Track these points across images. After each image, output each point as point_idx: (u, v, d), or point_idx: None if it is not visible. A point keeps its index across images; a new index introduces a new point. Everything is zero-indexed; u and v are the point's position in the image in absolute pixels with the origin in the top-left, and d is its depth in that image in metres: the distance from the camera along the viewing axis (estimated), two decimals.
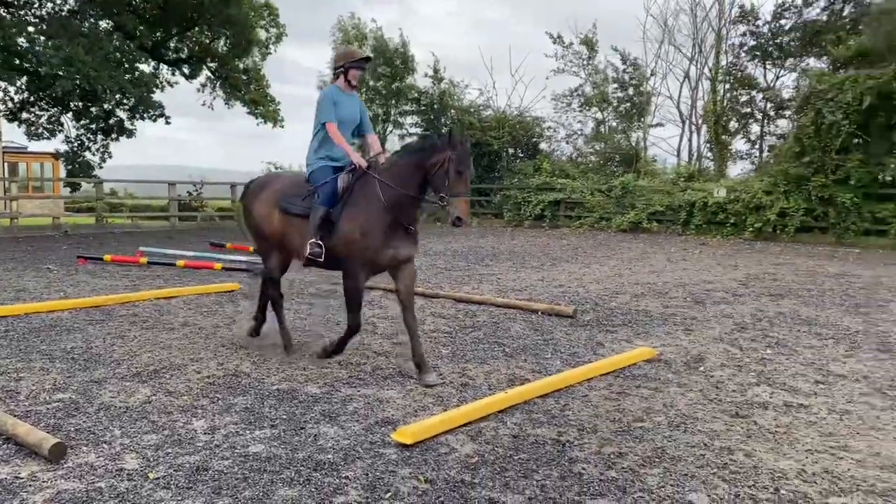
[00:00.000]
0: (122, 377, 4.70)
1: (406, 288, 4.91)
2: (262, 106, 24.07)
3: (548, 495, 3.02)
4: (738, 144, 22.17)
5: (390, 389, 4.51)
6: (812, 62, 19.55)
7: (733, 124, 21.54)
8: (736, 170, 22.36)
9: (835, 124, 15.59)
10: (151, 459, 3.35)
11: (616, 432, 3.80)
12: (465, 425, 3.84)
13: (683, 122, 22.91)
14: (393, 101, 25.72)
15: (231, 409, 4.10)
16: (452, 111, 23.91)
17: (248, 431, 3.74)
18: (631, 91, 23.82)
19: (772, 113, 20.79)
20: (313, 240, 4.78)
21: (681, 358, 5.42)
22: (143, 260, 10.86)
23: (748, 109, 21.10)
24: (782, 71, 20.80)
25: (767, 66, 20.84)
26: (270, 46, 24.22)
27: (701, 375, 4.96)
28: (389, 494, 3.01)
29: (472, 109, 23.98)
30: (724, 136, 21.54)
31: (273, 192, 5.31)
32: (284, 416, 3.98)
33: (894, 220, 15.50)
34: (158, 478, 3.14)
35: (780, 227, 16.77)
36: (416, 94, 24.56)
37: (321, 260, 4.80)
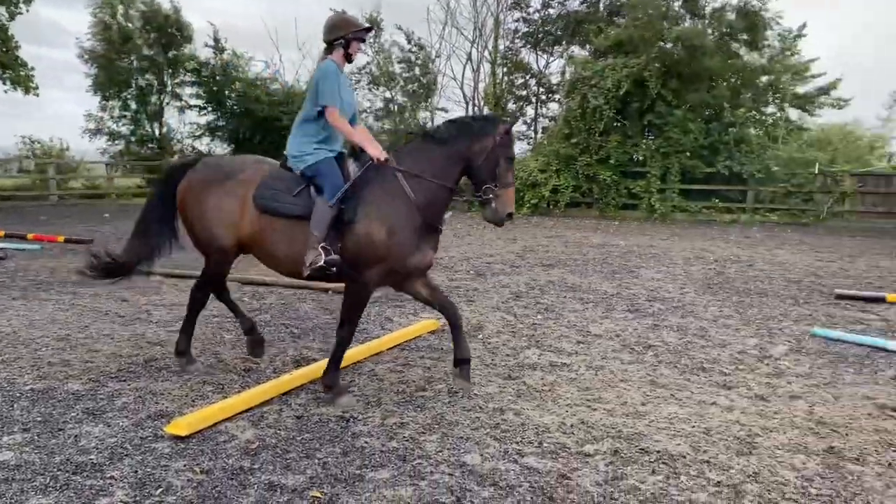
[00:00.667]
0: None
1: (435, 291, 4.31)
2: (12, 70, 21.17)
3: (329, 472, 3.05)
4: (516, 126, 23.64)
5: (165, 381, 4.25)
6: (577, 50, 21.34)
7: (511, 106, 22.90)
8: (515, 150, 23.83)
9: (598, 108, 17.20)
10: None
11: (399, 403, 3.92)
12: (246, 411, 3.74)
13: (467, 103, 23.93)
14: (169, 72, 23.94)
15: None
16: (237, 84, 22.79)
17: None
18: (418, 71, 24.33)
19: (544, 97, 22.44)
20: (322, 244, 3.85)
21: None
22: None
23: (524, 92, 22.56)
24: (552, 57, 22.49)
25: (539, 53, 22.40)
26: (21, 5, 21.31)
27: (479, 343, 5.26)
28: (161, 490, 2.86)
29: (258, 83, 23.03)
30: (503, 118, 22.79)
31: (244, 183, 4.18)
32: (39, 419, 3.59)
33: (646, 195, 17.54)
34: None
35: (553, 203, 18.23)
36: (195, 66, 23.05)
37: (333, 271, 3.90)
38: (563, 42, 21.98)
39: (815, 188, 16.81)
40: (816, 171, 16.76)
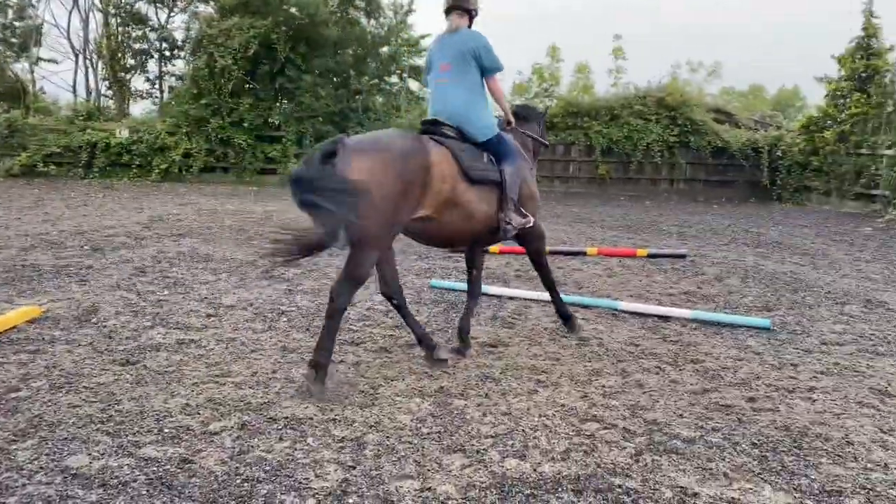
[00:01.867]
0: None
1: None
2: None
3: None
4: (139, 83, 21.56)
5: None
6: (201, 6, 20.15)
7: (131, 61, 20.78)
8: (138, 109, 21.80)
9: (226, 69, 16.55)
10: None
11: None
12: None
13: (77, 56, 21.02)
14: None
15: None
16: None
17: None
18: (11, 14, 20.61)
19: (168, 53, 20.79)
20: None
21: (71, 312, 5.01)
22: None
23: (144, 46, 20.60)
24: (173, 12, 20.84)
25: (158, 6, 20.58)
26: None
27: (93, 327, 4.68)
28: None
29: None
30: (122, 74, 20.64)
31: (449, 155, 3.98)
32: None
33: (282, 159, 17.54)
34: None
35: (185, 168, 17.16)
36: None
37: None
38: None
39: None
40: None
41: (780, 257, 8.53)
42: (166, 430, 3.13)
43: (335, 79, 18.44)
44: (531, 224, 4.40)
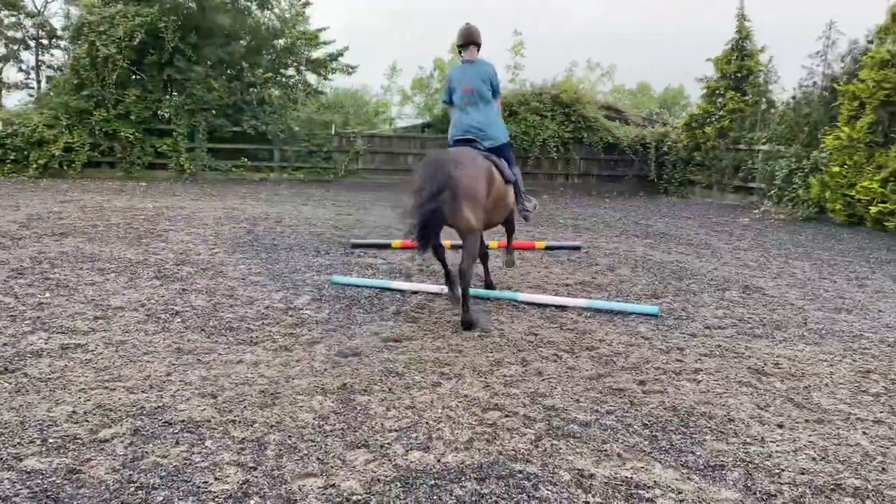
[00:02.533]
0: None
1: None
2: None
3: None
4: (12, 73, 20.04)
5: None
6: None
7: (2, 50, 19.29)
8: (12, 100, 20.28)
9: (109, 58, 15.68)
10: None
11: None
12: None
13: None
14: None
15: None
16: None
17: None
18: None
19: (45, 41, 19.44)
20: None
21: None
22: None
23: (18, 34, 19.18)
24: None
25: None
26: None
27: None
28: None
29: None
30: None
31: (494, 166, 5.36)
32: None
33: (173, 154, 16.83)
34: None
35: (66, 163, 16.12)
36: None
37: None
38: None
39: (332, 148, 18.36)
40: (333, 132, 18.30)
41: (666, 248, 8.99)
42: (51, 441, 2.95)
43: (228, 70, 17.84)
44: (537, 208, 6.45)
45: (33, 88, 19.75)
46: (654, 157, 18.06)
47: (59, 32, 18.91)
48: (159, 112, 17.29)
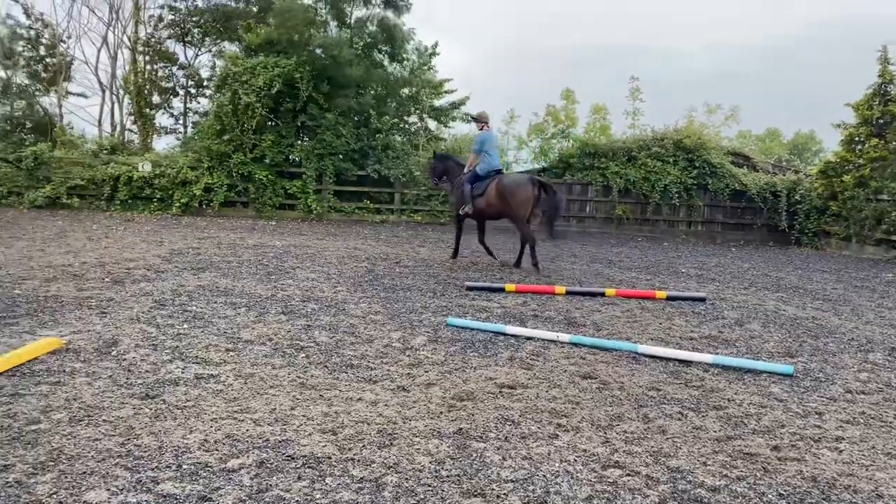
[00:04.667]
0: None
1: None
2: None
3: None
4: (163, 119, 22.01)
5: None
6: (227, 45, 20.66)
7: (156, 98, 21.25)
8: (162, 144, 22.22)
9: (249, 105, 16.87)
10: None
11: (3, 442, 3.28)
12: None
13: (104, 91, 21.53)
14: None
15: None
16: None
17: None
18: (42, 51, 21.20)
19: (193, 90, 21.26)
20: None
21: (92, 345, 5.04)
22: None
23: (170, 84, 21.11)
24: (200, 50, 21.40)
25: (186, 44, 21.16)
26: None
27: (113, 360, 4.70)
28: None
29: None
30: (147, 109, 21.08)
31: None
32: None
33: (302, 195, 17.75)
34: None
35: (205, 202, 17.40)
36: None
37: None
38: (213, 36, 21.10)
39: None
40: None
41: (800, 302, 8.43)
42: (185, 467, 3.11)
43: (356, 118, 18.72)
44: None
45: (181, 133, 21.52)
46: (785, 205, 17.14)
47: (206, 82, 20.58)
48: (291, 156, 18.34)
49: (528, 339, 5.91)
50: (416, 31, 19.71)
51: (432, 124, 20.98)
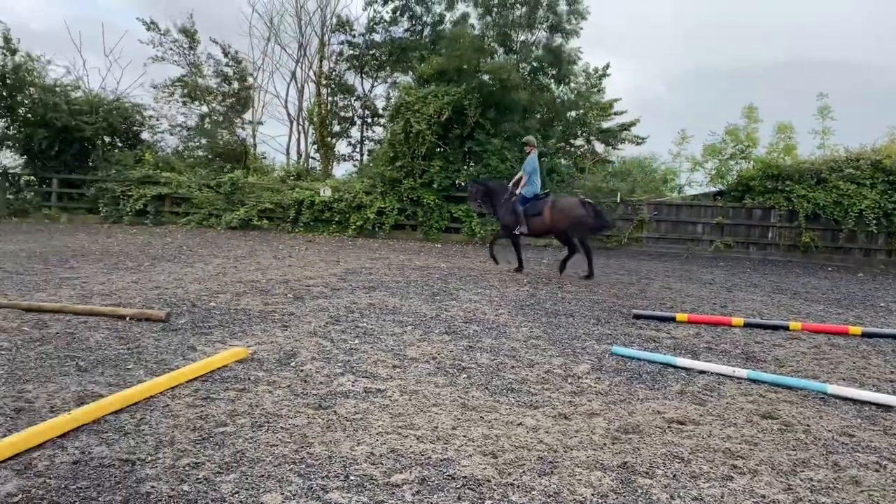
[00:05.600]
0: None
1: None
2: None
3: None
4: (342, 147, 23.54)
5: None
6: (401, 76, 21.76)
7: (336, 127, 22.78)
8: (340, 170, 23.78)
9: (420, 133, 17.56)
10: None
11: (195, 441, 3.60)
12: (11, 458, 3.25)
13: (291, 122, 23.43)
14: None
15: None
16: (32, 89, 20.60)
17: None
18: (237, 86, 23.50)
19: (369, 120, 22.57)
20: None
21: (273, 355, 5.44)
22: None
23: (349, 114, 22.56)
24: (377, 82, 22.72)
25: (364, 76, 22.55)
26: None
27: (291, 371, 5.03)
28: None
29: (57, 89, 20.97)
30: (328, 138, 22.64)
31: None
32: None
33: (467, 219, 18.13)
34: None
35: (378, 225, 18.29)
36: None
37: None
38: (388, 67, 22.30)
39: (617, 216, 18.26)
40: (619, 200, 18.21)
41: None
42: (352, 478, 3.24)
43: (521, 142, 18.85)
44: None
45: (357, 160, 22.85)
46: None
47: (381, 111, 21.75)
48: (457, 181, 18.81)
49: (701, 372, 5.57)
50: (584, 52, 19.57)
51: (599, 147, 20.65)
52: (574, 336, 6.73)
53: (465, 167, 18.92)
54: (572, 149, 20.19)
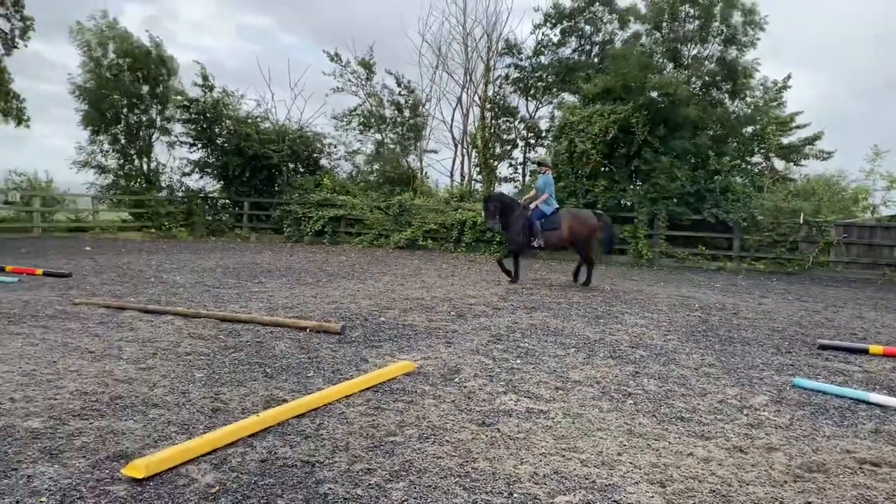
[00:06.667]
0: None
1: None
2: (4, 102, 21.26)
3: None
4: (503, 168, 23.86)
5: (129, 420, 4.12)
6: (566, 96, 21.69)
7: (499, 149, 23.12)
8: (502, 191, 24.03)
9: (585, 153, 17.37)
10: None
11: (367, 448, 3.80)
12: (210, 453, 3.62)
13: (456, 146, 24.11)
14: (157, 107, 24.00)
15: None
16: (228, 122, 22.90)
17: None
18: (407, 113, 24.59)
19: (532, 141, 22.69)
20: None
21: (438, 370, 5.61)
22: None
23: (511, 136, 22.84)
24: (541, 103, 22.82)
25: (528, 98, 22.76)
26: (17, 40, 21.48)
27: (455, 386, 5.16)
28: None
29: (249, 120, 23.15)
30: (491, 160, 23.03)
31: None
32: None
33: (633, 240, 17.61)
34: None
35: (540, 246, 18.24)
36: (184, 102, 23.11)
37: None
38: (554, 89, 22.35)
39: (800, 237, 16.92)
40: (801, 221, 16.89)
41: None
42: (515, 496, 3.26)
43: (692, 159, 18.07)
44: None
45: (519, 181, 23.01)
46: None
47: (544, 133, 21.80)
48: (622, 201, 18.35)
49: None
50: (761, 64, 18.41)
51: (779, 164, 19.29)
52: (751, 365, 6.32)
53: (632, 186, 18.42)
54: (748, 166, 19.01)
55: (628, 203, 18.26)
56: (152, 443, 3.77)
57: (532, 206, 12.03)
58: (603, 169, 18.25)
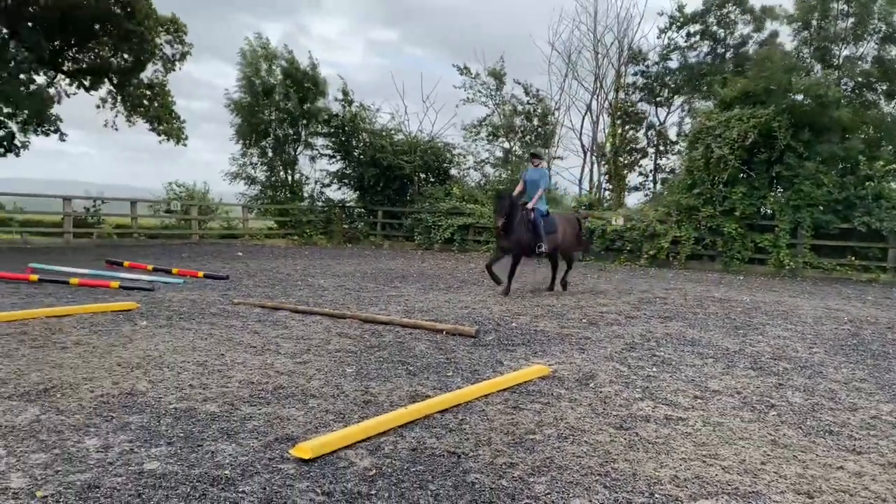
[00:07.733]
0: (7, 396, 4.52)
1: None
2: (166, 123, 23.45)
3: None
4: (633, 176, 23.41)
5: (291, 408, 4.54)
6: (697, 101, 21.00)
7: (628, 158, 22.73)
8: (632, 200, 23.56)
9: (722, 158, 16.76)
10: (39, 478, 3.26)
11: (509, 444, 3.99)
12: (364, 440, 3.94)
13: (585, 154, 23.94)
14: (304, 123, 25.56)
15: (126, 427, 4.03)
16: (364, 134, 24.00)
17: (142, 449, 3.69)
18: (536, 122, 24.70)
19: (662, 148, 22.12)
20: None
21: (573, 375, 5.71)
22: (34, 277, 10.34)
23: (642, 144, 22.39)
24: (670, 109, 22.24)
25: (657, 104, 22.23)
26: (176, 63, 23.65)
27: (591, 391, 5.24)
28: None
29: (383, 133, 24.15)
30: (621, 168, 22.68)
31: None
32: (181, 434, 3.95)
33: (773, 249, 16.77)
34: (46, 496, 3.08)
35: (672, 255, 17.77)
36: (326, 117, 24.49)
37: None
38: (685, 94, 21.72)
39: None
40: None
41: None
42: (657, 496, 3.33)
43: (840, 165, 16.96)
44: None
45: (649, 189, 22.51)
46: None
47: (675, 139, 21.21)
48: (763, 208, 17.53)
49: None
50: None
51: None
52: None
53: (773, 193, 17.54)
54: None
55: (769, 211, 17.40)
56: (313, 429, 4.14)
57: (529, 205, 10.77)
58: (741, 175, 17.51)
